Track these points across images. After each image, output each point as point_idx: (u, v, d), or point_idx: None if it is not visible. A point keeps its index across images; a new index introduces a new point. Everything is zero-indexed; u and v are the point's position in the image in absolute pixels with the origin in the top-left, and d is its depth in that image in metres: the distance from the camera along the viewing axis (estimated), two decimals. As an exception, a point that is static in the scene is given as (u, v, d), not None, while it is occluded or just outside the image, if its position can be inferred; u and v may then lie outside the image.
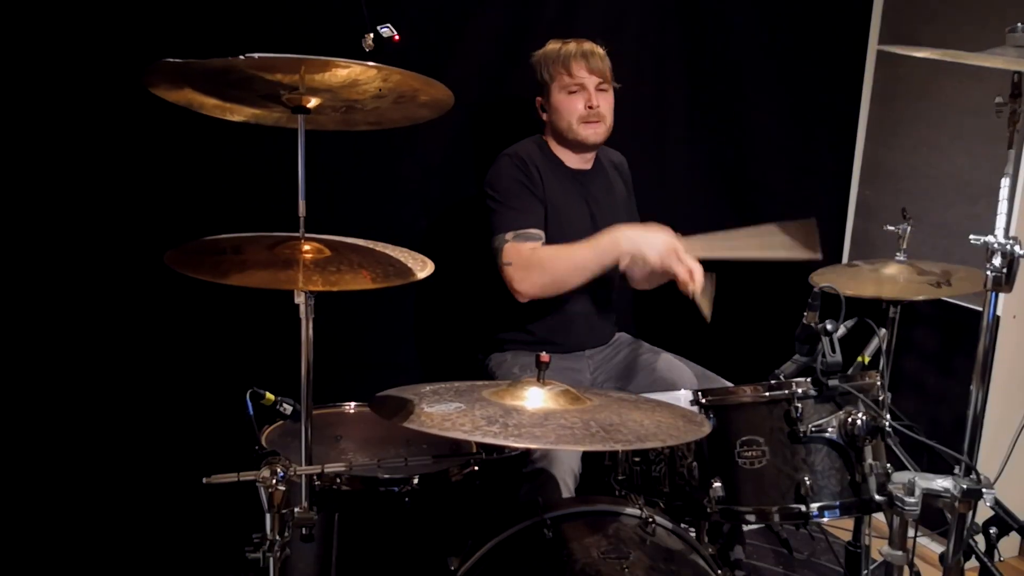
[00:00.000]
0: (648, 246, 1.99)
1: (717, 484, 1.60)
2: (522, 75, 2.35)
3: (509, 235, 2.12)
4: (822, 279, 2.21)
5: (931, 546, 2.61)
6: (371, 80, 1.34)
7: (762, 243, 2.05)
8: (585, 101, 2.21)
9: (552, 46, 2.25)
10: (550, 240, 2.18)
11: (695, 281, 1.95)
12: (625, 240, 2.03)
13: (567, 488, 1.95)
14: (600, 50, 2.22)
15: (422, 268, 1.46)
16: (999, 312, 1.89)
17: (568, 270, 2.08)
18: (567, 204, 2.27)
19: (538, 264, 2.09)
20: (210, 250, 1.38)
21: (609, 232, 2.06)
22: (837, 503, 1.57)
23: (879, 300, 2.16)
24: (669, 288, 2.30)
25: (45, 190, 2.00)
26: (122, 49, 1.98)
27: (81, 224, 2.05)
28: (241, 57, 1.21)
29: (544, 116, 2.29)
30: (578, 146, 2.29)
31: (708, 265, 1.98)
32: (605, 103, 2.24)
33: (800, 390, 1.57)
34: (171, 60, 1.24)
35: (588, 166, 2.36)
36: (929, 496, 1.43)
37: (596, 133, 2.25)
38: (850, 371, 1.62)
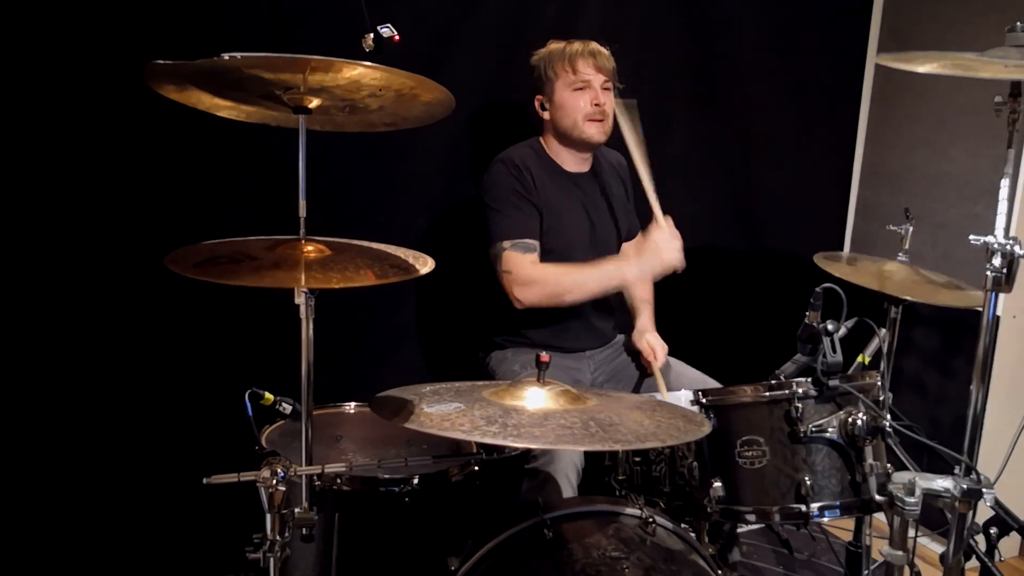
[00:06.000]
0: (651, 273, 2.14)
1: (717, 484, 1.60)
2: (522, 76, 2.35)
3: (507, 244, 2.14)
4: (824, 262, 2.21)
5: (931, 546, 2.61)
6: (367, 79, 1.34)
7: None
8: (592, 98, 2.20)
9: (556, 45, 2.25)
10: (547, 245, 2.20)
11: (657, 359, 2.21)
12: (630, 272, 2.14)
13: (569, 486, 1.95)
14: (606, 50, 2.23)
15: (423, 265, 1.46)
16: (999, 312, 1.89)
17: (569, 290, 2.14)
18: (564, 208, 2.26)
19: (541, 279, 2.13)
20: (209, 258, 1.38)
21: (615, 260, 2.18)
22: (837, 503, 1.57)
23: (882, 298, 2.14)
24: (669, 290, 2.32)
25: (45, 192, 2.00)
26: (123, 50, 1.98)
27: (81, 225, 2.05)
28: (225, 56, 1.21)
29: (545, 115, 2.28)
30: (581, 145, 2.27)
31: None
32: (609, 102, 2.24)
33: (800, 390, 1.57)
34: (160, 62, 1.25)
35: (585, 168, 2.35)
36: (929, 496, 1.42)
37: (601, 131, 2.24)
38: (850, 371, 1.62)
